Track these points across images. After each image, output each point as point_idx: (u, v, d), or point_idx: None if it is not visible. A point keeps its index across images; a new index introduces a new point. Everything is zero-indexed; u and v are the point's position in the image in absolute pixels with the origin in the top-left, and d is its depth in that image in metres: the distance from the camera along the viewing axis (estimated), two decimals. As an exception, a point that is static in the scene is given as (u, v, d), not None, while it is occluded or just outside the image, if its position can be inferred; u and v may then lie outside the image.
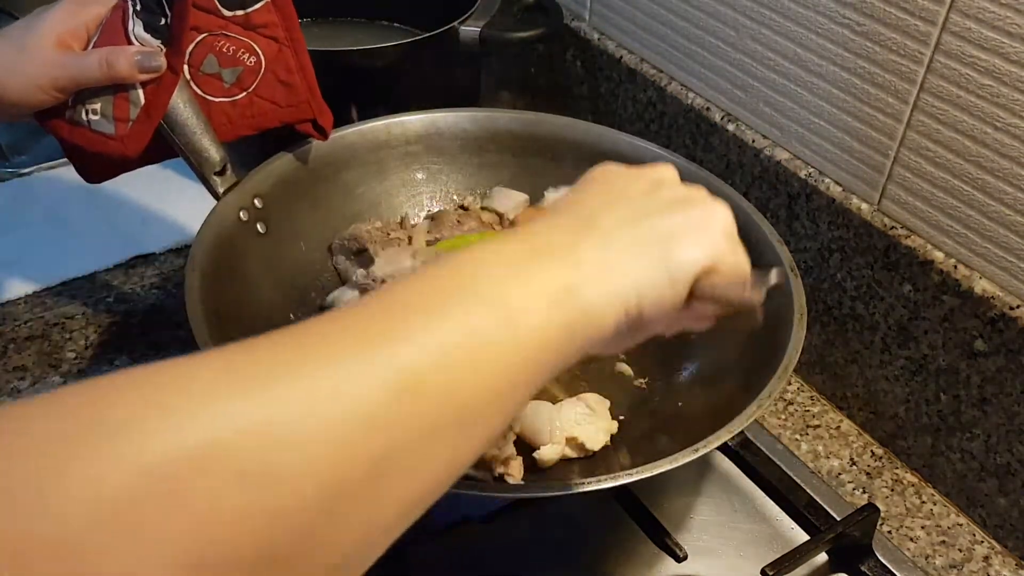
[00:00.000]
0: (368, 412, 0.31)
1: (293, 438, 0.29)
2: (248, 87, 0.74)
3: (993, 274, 0.70)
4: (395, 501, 0.33)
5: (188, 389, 0.29)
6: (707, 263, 0.44)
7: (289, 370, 0.31)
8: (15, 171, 1.03)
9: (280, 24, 0.73)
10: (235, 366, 0.31)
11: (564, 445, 0.69)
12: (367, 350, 0.33)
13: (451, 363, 0.34)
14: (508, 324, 0.37)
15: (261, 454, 0.29)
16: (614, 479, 0.57)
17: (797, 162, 0.83)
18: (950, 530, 0.75)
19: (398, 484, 0.32)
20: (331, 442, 0.30)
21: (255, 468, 0.28)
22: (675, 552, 0.67)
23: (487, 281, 0.38)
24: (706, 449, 0.58)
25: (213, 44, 0.71)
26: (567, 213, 0.45)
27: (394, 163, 0.86)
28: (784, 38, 0.81)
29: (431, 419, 0.33)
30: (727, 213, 0.47)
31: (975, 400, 0.72)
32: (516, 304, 0.38)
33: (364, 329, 0.34)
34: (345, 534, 0.31)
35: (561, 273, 0.40)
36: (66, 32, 0.68)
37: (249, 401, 0.30)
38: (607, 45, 1.02)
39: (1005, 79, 0.65)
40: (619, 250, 0.43)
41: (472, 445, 0.36)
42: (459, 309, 0.36)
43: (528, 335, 0.38)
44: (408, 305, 0.36)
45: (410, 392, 0.32)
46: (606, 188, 0.47)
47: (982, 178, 0.69)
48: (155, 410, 0.28)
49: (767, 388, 0.62)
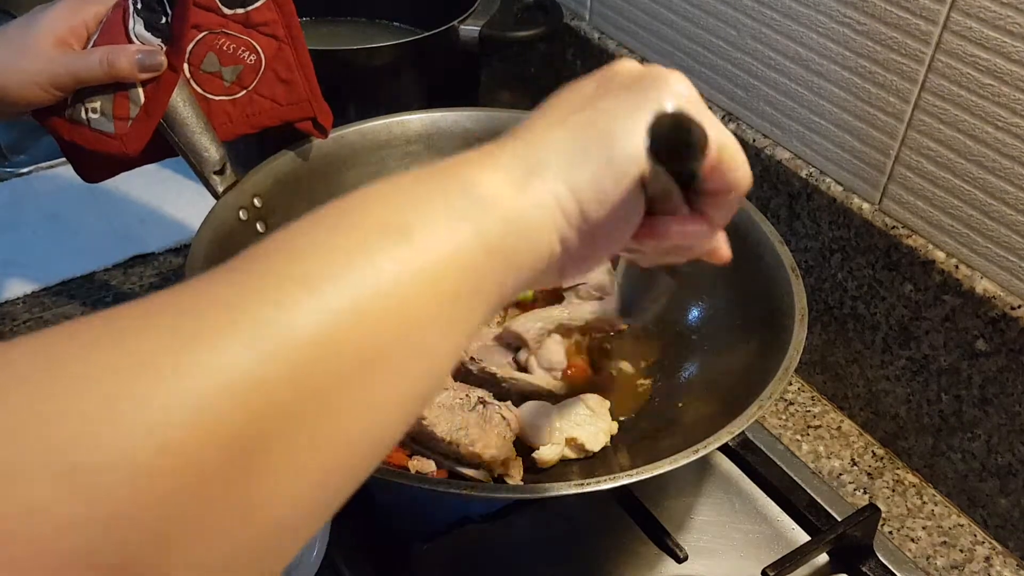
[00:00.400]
0: (237, 380, 0.28)
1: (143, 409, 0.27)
2: (248, 85, 0.73)
3: (994, 274, 0.70)
4: (313, 457, 0.30)
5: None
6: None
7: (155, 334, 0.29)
8: (14, 171, 1.03)
9: (280, 22, 0.73)
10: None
11: (564, 446, 0.68)
12: (241, 309, 0.30)
13: (360, 317, 0.31)
14: (411, 257, 0.33)
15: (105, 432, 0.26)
16: (614, 480, 0.56)
17: (798, 161, 0.83)
18: (951, 530, 0.75)
19: (301, 445, 0.29)
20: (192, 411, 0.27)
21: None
22: (676, 553, 0.67)
23: (386, 211, 0.34)
24: (706, 450, 0.58)
25: (213, 42, 0.71)
26: (514, 135, 0.40)
27: (394, 162, 0.86)
28: (785, 37, 0.81)
29: (323, 371, 0.30)
30: (680, 79, 0.41)
31: (976, 400, 0.72)
32: (417, 232, 0.33)
33: (241, 283, 0.31)
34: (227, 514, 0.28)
35: (467, 189, 0.36)
36: (66, 30, 0.68)
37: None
38: (607, 45, 1.02)
39: (1006, 78, 0.65)
40: (546, 149, 0.38)
41: (394, 390, 0.32)
42: (360, 255, 0.32)
43: (437, 262, 0.33)
44: (312, 252, 0.32)
45: (330, 340, 0.30)
46: (553, 101, 0.42)
47: (983, 177, 0.69)
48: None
49: (768, 389, 0.61)
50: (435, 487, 0.58)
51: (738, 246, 0.76)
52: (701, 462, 0.77)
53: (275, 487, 0.29)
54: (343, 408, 0.30)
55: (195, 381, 0.27)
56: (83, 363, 0.27)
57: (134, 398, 0.27)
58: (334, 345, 0.30)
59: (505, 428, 0.66)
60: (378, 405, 0.32)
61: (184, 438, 0.26)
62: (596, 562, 0.69)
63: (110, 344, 0.28)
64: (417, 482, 0.60)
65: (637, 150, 0.38)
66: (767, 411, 0.62)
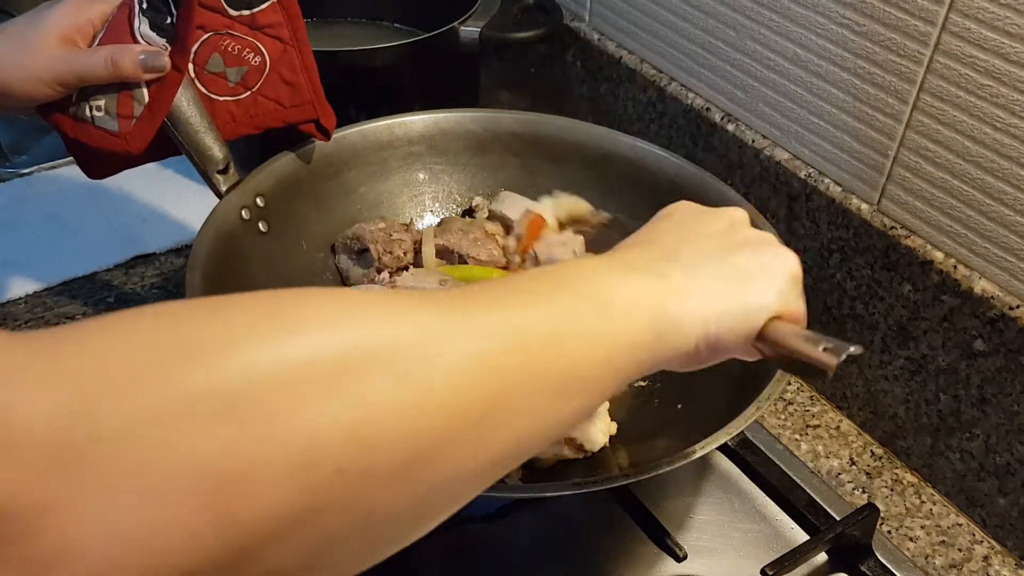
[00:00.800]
0: (485, 354, 0.36)
1: (427, 359, 0.34)
2: (252, 86, 0.74)
3: (993, 274, 0.70)
4: (499, 441, 0.37)
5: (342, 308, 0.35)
6: (777, 308, 0.47)
7: (430, 309, 0.36)
8: (15, 171, 1.03)
9: (286, 24, 0.73)
10: (375, 298, 0.36)
11: (563, 446, 0.69)
12: (490, 310, 0.38)
13: (552, 334, 0.39)
14: (603, 316, 0.42)
15: (404, 364, 0.33)
16: (612, 481, 0.57)
17: (797, 162, 0.83)
18: (950, 530, 0.75)
19: (503, 424, 0.37)
20: (459, 371, 0.35)
21: (399, 374, 0.33)
22: (675, 552, 0.67)
23: (588, 282, 0.43)
24: (704, 451, 0.58)
25: (218, 43, 0.71)
26: (649, 244, 0.49)
27: (396, 163, 0.86)
28: (784, 38, 0.81)
29: (531, 374, 0.38)
30: (796, 261, 0.51)
31: (975, 400, 0.72)
32: (613, 302, 0.42)
33: (488, 297, 0.39)
34: (460, 457, 0.35)
35: (653, 285, 0.45)
36: (72, 28, 0.68)
37: (398, 327, 0.35)
38: (607, 45, 1.02)
39: (1005, 79, 0.65)
40: (702, 278, 0.47)
41: (560, 414, 0.40)
42: (564, 295, 0.41)
43: (620, 328, 0.42)
44: (521, 289, 0.42)
45: (518, 350, 0.38)
46: (683, 225, 0.51)
47: (982, 178, 0.69)
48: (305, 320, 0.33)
49: (766, 390, 0.62)
50: None
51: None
52: (700, 462, 0.77)
53: (487, 448, 0.36)
54: (534, 410, 0.38)
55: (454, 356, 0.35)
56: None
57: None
58: (544, 361, 0.39)
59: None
60: (560, 419, 0.40)
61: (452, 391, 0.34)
62: (596, 562, 0.70)
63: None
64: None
65: (764, 316, 0.47)
66: (765, 411, 0.62)
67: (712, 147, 0.91)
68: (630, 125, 1.01)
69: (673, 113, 0.95)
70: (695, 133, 0.93)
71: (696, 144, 0.93)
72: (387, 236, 0.81)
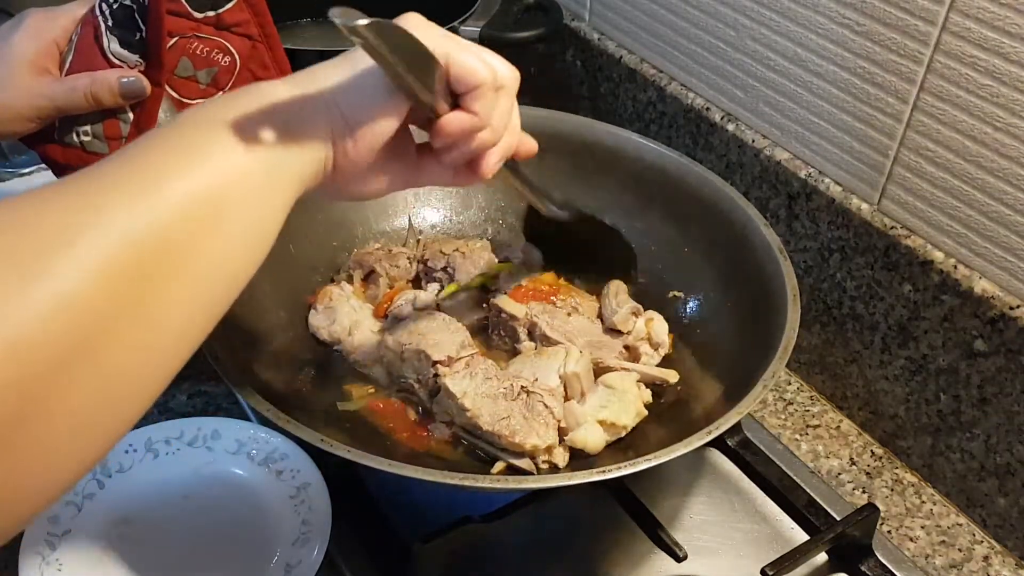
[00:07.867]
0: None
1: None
2: (224, 86, 0.73)
3: (993, 274, 0.70)
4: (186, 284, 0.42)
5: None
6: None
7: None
8: (15, 171, 1.03)
9: (253, 21, 0.72)
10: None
11: (600, 429, 0.67)
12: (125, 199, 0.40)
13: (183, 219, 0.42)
14: (189, 164, 0.43)
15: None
16: (602, 473, 0.57)
17: (797, 162, 0.83)
18: (950, 530, 0.75)
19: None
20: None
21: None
22: (675, 552, 0.67)
23: (189, 136, 0.45)
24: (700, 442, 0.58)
25: (186, 47, 0.71)
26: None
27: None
28: (784, 38, 0.81)
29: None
30: (414, 15, 0.50)
31: (975, 400, 0.72)
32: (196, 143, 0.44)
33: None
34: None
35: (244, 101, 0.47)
36: (38, 55, 0.68)
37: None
38: (607, 45, 1.02)
39: (1005, 79, 0.65)
40: (319, 69, 0.49)
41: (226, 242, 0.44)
42: (175, 171, 0.43)
43: (216, 166, 0.44)
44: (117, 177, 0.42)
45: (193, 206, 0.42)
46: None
47: (982, 178, 0.69)
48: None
49: (770, 368, 0.62)
50: (423, 476, 0.57)
51: (724, 230, 0.78)
52: (700, 461, 0.77)
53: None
54: (206, 250, 0.43)
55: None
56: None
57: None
58: (196, 209, 0.43)
59: (548, 416, 0.66)
60: (229, 250, 0.45)
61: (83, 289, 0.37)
62: (596, 561, 0.70)
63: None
64: (400, 471, 0.59)
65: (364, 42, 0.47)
66: (769, 391, 0.62)
67: (712, 147, 0.91)
68: (630, 124, 1.01)
69: (673, 113, 0.95)
70: (695, 133, 0.93)
71: (696, 144, 0.93)
72: (387, 252, 0.82)
